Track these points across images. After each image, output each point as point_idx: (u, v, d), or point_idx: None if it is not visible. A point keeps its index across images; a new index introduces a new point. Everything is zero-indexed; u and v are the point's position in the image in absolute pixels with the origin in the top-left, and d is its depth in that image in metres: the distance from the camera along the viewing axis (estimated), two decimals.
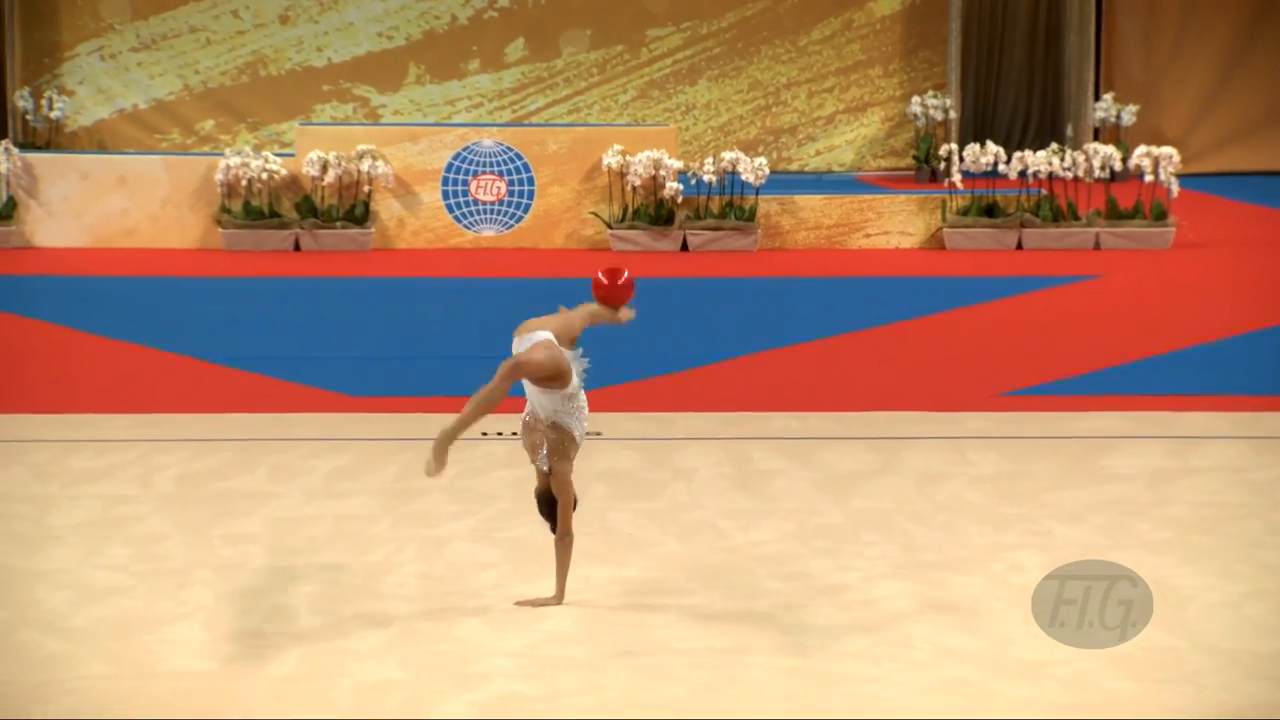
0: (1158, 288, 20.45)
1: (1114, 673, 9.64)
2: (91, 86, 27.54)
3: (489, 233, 22.79)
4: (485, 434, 14.39)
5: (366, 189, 22.53)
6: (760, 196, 22.42)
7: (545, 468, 10.66)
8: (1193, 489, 13.06)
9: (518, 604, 10.67)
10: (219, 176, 22.42)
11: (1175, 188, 22.16)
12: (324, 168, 22.40)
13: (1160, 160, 22.12)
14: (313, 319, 19.25)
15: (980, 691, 9.57)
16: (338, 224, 22.49)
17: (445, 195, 22.77)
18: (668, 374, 16.49)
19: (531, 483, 10.93)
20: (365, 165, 22.44)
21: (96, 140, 27.32)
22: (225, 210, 22.49)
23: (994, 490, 13.03)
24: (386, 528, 12.27)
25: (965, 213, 22.44)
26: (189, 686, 9.69)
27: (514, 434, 14.40)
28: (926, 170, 26.18)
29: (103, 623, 10.58)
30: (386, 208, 22.71)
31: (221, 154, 23.08)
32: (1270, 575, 11.33)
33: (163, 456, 13.82)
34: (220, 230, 22.48)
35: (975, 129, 26.92)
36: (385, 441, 14.28)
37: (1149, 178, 22.15)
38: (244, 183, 22.42)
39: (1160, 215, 22.31)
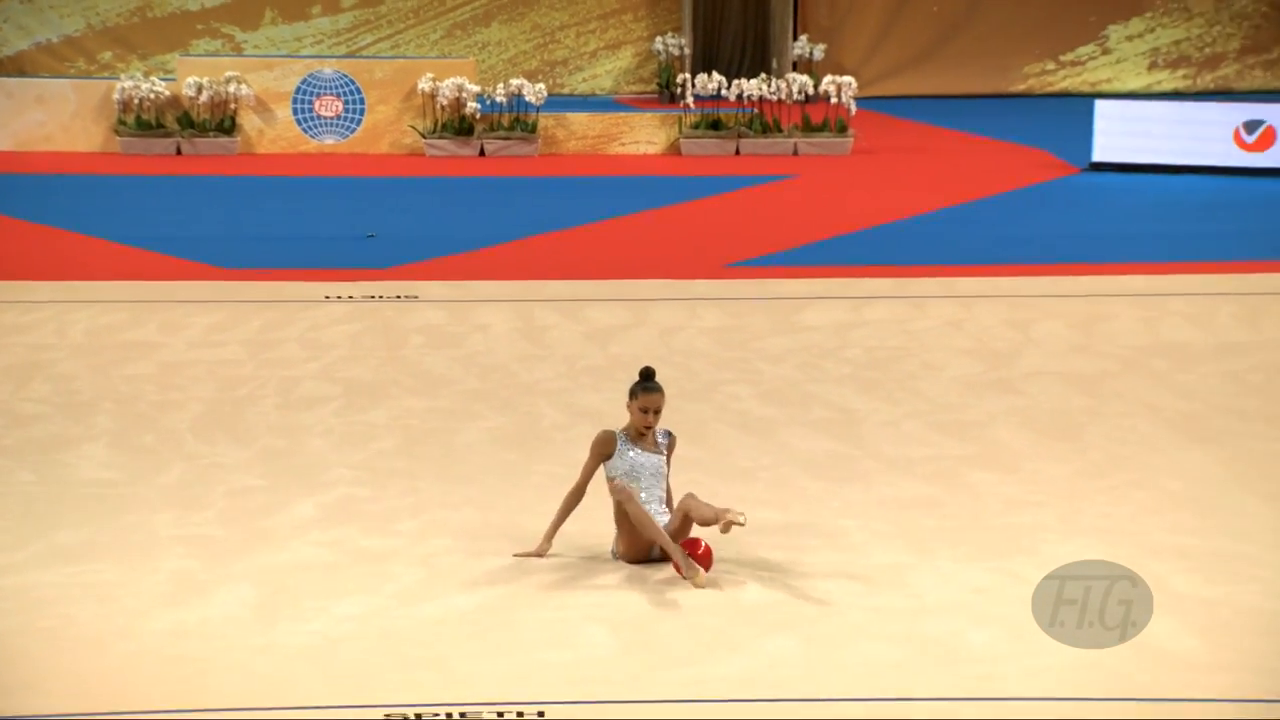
0: (841, 183, 20.63)
1: (808, 474, 9.78)
2: (14, 24, 26.80)
3: (329, 141, 22.51)
4: (328, 297, 14.27)
5: (233, 107, 22.16)
6: (540, 114, 22.30)
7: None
8: (866, 336, 13.23)
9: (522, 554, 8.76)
10: (116, 96, 21.96)
11: (854, 108, 22.29)
12: (199, 90, 22.00)
13: (842, 87, 22.22)
14: (192, 208, 18.98)
15: (706, 492, 9.68)
16: (210, 134, 22.13)
17: (295, 112, 22.45)
18: (470, 251, 16.43)
19: None
20: (232, 88, 22.07)
21: (18, 67, 26.59)
22: (121, 122, 22.05)
23: (717, 339, 13.13)
24: (251, 370, 12.17)
25: (696, 127, 22.46)
26: (97, 491, 9.60)
27: (350, 297, 14.33)
28: (667, 94, 26.12)
29: (29, 443, 10.44)
30: (249, 121, 22.35)
31: (118, 78, 22.61)
32: (922, 400, 11.53)
33: (74, 314, 13.60)
34: (117, 138, 22.04)
35: (703, 62, 26.88)
36: (250, 303, 14.13)
37: (834, 100, 22.26)
38: (136, 101, 21.97)
39: (842, 129, 22.46)
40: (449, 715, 7.14)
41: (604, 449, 8.74)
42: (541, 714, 7.14)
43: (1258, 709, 7.25)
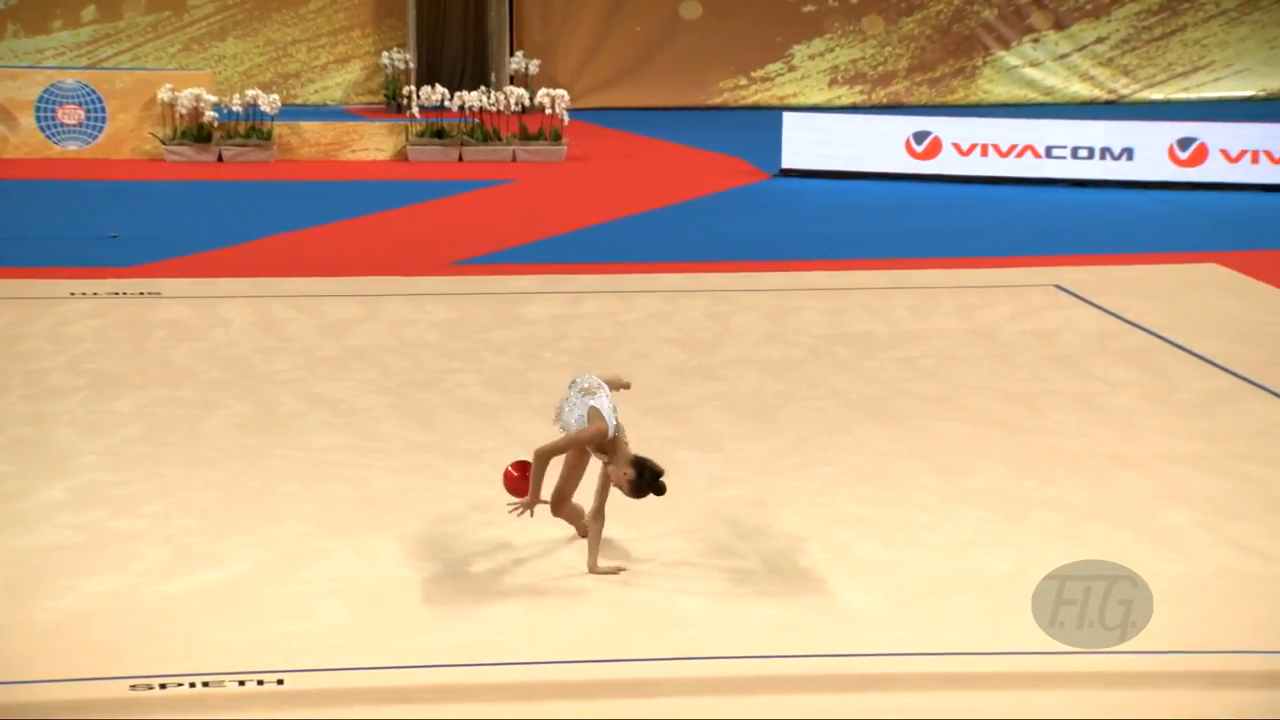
0: (556, 188, 20.67)
1: (529, 455, 9.76)
2: None
3: (72, 147, 21.90)
4: (73, 294, 13.87)
5: None
6: (275, 122, 21.97)
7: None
8: (581, 328, 13.27)
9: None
10: None
11: (566, 118, 22.35)
12: None
13: (555, 99, 22.27)
14: None
15: (436, 473, 9.63)
16: None
17: (38, 119, 21.80)
18: (210, 250, 16.11)
19: None
20: None
21: None
22: None
23: (445, 331, 13.06)
24: None
25: (422, 135, 22.32)
26: None
27: (95, 294, 13.94)
28: (394, 105, 25.90)
29: None
30: None
31: None
32: (633, 386, 11.59)
33: None
34: None
35: (428, 75, 26.70)
36: None
37: (549, 111, 22.29)
38: None
39: (556, 138, 22.52)
40: (193, 684, 7.00)
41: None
42: (281, 681, 7.05)
43: (932, 661, 7.44)
